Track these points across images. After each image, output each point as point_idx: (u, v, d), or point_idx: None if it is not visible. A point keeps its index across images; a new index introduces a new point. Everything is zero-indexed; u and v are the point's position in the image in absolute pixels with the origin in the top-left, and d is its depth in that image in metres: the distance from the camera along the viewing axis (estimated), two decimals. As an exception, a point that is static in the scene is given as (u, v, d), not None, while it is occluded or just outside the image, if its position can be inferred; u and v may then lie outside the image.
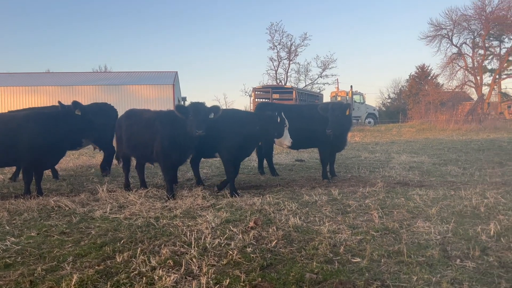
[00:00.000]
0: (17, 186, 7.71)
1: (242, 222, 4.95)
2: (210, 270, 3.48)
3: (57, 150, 6.56)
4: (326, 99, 39.96)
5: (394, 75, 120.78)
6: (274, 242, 4.18)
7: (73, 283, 3.25)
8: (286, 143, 6.59)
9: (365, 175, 8.44)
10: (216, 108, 6.39)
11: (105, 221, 5.07)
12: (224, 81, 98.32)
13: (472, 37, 41.31)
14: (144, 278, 3.36)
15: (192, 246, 4.05)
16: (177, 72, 42.38)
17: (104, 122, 7.72)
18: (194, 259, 3.73)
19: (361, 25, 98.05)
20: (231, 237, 4.38)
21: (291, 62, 54.23)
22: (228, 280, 3.29)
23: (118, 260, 3.75)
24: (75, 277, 3.32)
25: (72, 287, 3.20)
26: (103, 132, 8.14)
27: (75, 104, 6.57)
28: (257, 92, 32.06)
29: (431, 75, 50.12)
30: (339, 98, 35.78)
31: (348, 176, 8.45)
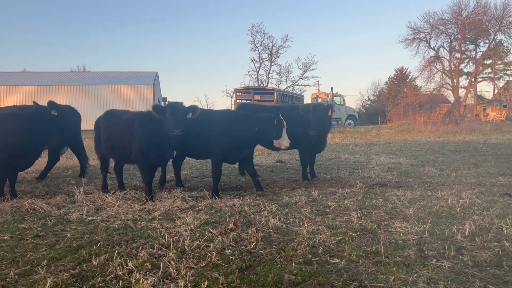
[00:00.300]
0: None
1: (222, 224, 4.92)
2: (189, 272, 3.45)
3: (32, 151, 6.39)
4: (307, 100, 40.27)
5: (374, 77, 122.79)
6: (254, 244, 4.17)
7: (47, 287, 3.17)
8: (285, 144, 6.56)
9: (344, 176, 8.52)
10: (194, 108, 6.33)
11: (81, 224, 4.96)
12: (206, 82, 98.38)
13: (449, 41, 42.29)
14: (120, 282, 3.30)
15: (171, 248, 4.01)
16: (157, 72, 42.15)
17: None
18: (172, 262, 3.69)
19: (342, 28, 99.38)
20: (210, 239, 4.35)
21: (272, 64, 54.67)
22: (206, 283, 3.27)
23: (94, 263, 3.68)
24: (49, 281, 3.24)
25: (45, 291, 3.12)
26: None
27: (51, 104, 6.43)
28: (238, 93, 32.15)
29: (410, 77, 51.13)
30: (319, 100, 36.05)
31: (328, 177, 8.51)
